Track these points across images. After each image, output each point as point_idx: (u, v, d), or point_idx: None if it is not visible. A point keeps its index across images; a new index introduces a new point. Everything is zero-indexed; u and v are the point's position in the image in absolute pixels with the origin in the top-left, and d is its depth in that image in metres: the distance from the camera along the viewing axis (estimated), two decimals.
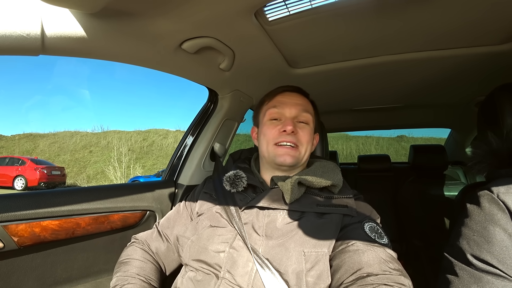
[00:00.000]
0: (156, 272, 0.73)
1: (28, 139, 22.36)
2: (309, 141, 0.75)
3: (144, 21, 0.63)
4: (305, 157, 0.76)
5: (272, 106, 0.78)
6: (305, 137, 0.74)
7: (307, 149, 0.75)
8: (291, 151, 0.72)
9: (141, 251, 0.75)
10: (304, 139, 0.74)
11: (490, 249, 0.49)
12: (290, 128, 0.71)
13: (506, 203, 0.50)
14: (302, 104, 0.78)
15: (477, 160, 0.62)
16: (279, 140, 0.73)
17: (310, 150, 0.77)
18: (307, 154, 0.76)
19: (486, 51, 0.87)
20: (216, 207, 0.72)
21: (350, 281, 0.53)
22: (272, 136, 0.74)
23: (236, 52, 0.86)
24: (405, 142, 16.32)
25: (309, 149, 0.77)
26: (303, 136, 0.74)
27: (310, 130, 0.77)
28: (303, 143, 0.74)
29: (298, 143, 0.73)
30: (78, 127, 33.00)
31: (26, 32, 0.51)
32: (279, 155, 0.72)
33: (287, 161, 0.71)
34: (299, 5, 0.67)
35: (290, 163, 0.72)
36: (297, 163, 0.74)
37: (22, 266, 0.73)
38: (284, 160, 0.71)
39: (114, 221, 0.89)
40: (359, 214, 0.67)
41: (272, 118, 0.77)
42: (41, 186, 10.77)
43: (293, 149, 0.72)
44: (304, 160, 0.76)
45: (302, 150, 0.74)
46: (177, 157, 1.18)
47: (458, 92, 1.30)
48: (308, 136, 0.75)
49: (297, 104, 0.77)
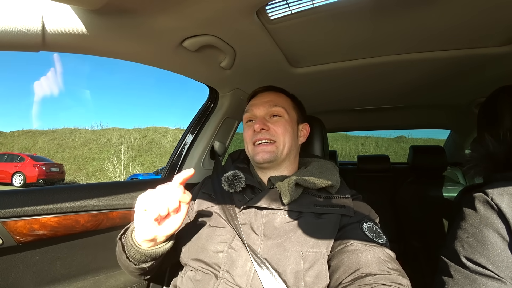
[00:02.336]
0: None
1: (27, 135, 22.32)
2: (284, 133, 0.75)
3: (145, 18, 0.63)
4: (285, 149, 0.75)
5: (246, 111, 0.82)
6: (278, 129, 0.75)
7: (285, 140, 0.75)
8: (267, 147, 0.73)
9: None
10: (278, 131, 0.75)
11: (483, 252, 0.50)
12: (258, 126, 0.74)
13: (500, 206, 0.50)
14: (271, 100, 0.79)
15: (473, 164, 0.63)
16: (254, 140, 0.75)
17: (290, 141, 0.76)
18: (288, 146, 0.75)
19: (486, 53, 0.87)
20: (215, 207, 0.73)
21: (348, 281, 0.53)
22: (249, 137, 0.77)
23: (237, 50, 0.86)
24: (404, 143, 16.36)
25: (289, 141, 0.75)
26: (275, 129, 0.75)
27: (284, 122, 0.76)
28: (278, 135, 0.74)
29: (272, 137, 0.74)
30: (78, 124, 32.96)
31: (27, 28, 0.51)
32: (256, 154, 0.74)
33: (264, 157, 0.73)
34: (301, 4, 0.67)
35: (268, 159, 0.73)
36: (276, 157, 0.74)
37: (20, 262, 0.73)
38: (261, 158, 0.73)
39: (113, 219, 0.89)
40: (358, 214, 0.67)
41: (248, 120, 0.81)
42: (40, 182, 10.75)
43: (268, 145, 0.74)
44: (285, 152, 0.75)
45: (279, 144, 0.74)
46: (177, 155, 1.17)
47: (458, 93, 1.30)
48: (282, 128, 0.75)
49: (265, 102, 0.79)
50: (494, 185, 0.54)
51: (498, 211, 0.50)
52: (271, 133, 0.75)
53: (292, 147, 0.77)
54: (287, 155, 0.76)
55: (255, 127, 0.74)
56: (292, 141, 0.77)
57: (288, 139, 0.75)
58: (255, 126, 0.74)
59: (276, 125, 0.75)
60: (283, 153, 0.75)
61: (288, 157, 0.77)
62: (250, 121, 0.81)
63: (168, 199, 0.54)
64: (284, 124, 0.76)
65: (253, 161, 0.78)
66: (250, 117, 0.81)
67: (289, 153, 0.77)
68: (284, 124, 0.76)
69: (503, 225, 0.49)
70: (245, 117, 0.82)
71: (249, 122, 0.81)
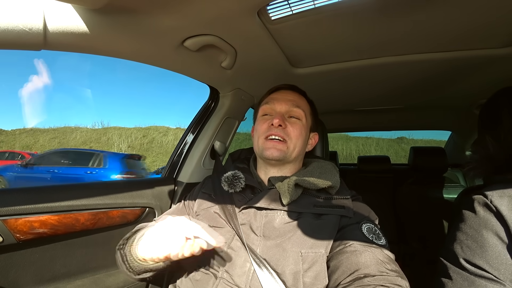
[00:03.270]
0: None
1: (29, 134, 22.36)
2: (298, 136, 0.74)
3: (147, 17, 0.63)
4: (294, 152, 0.74)
5: (265, 103, 0.80)
6: (294, 132, 0.74)
7: (297, 144, 0.74)
8: (278, 145, 0.72)
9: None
10: (293, 133, 0.73)
11: (482, 254, 0.50)
12: (277, 121, 0.72)
13: (499, 208, 0.50)
14: (294, 100, 0.78)
15: (473, 166, 0.62)
16: (268, 134, 0.73)
17: (301, 146, 0.75)
18: (297, 150, 0.75)
19: (488, 54, 0.87)
20: (215, 207, 0.73)
21: (347, 282, 0.53)
22: (262, 130, 0.75)
23: (238, 50, 0.86)
24: (405, 144, 16.30)
25: (300, 145, 0.75)
26: (292, 130, 0.74)
27: (301, 126, 0.76)
28: (292, 137, 0.73)
29: (286, 137, 0.73)
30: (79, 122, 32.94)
31: (28, 26, 0.51)
32: (266, 149, 0.72)
33: (273, 154, 0.71)
34: (302, 4, 0.67)
35: (276, 157, 0.71)
36: (285, 157, 0.73)
37: (20, 260, 0.73)
38: (271, 154, 0.71)
39: (113, 217, 0.89)
40: (357, 215, 0.67)
41: (264, 114, 0.79)
42: None
43: (280, 143, 0.72)
44: (293, 155, 0.74)
45: (290, 145, 0.73)
46: (177, 155, 1.18)
47: (459, 95, 1.29)
48: (298, 131, 0.74)
49: (288, 99, 0.78)
50: (493, 187, 0.54)
51: (497, 213, 0.50)
52: (287, 132, 0.73)
53: (301, 152, 0.77)
54: (295, 158, 0.76)
55: (274, 121, 0.72)
56: (302, 146, 0.77)
57: (300, 143, 0.75)
58: (274, 120, 0.72)
59: (293, 126, 0.74)
60: (292, 155, 0.74)
61: (294, 160, 0.77)
62: (266, 115, 0.79)
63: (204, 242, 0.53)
64: (300, 128, 0.75)
65: (260, 155, 0.75)
66: (269, 110, 0.78)
67: (297, 157, 0.77)
68: (300, 128, 0.75)
69: (502, 227, 0.49)
70: (263, 109, 0.79)
71: (265, 116, 0.79)
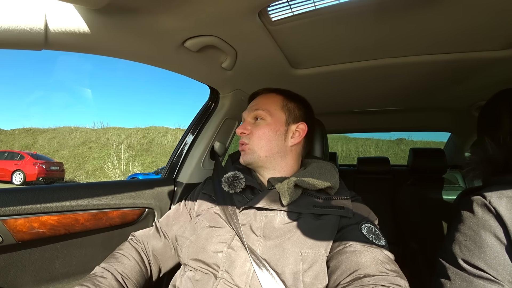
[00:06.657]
0: (138, 274, 0.71)
1: (28, 133, 22.32)
2: (261, 136, 0.75)
3: (147, 18, 0.63)
4: (262, 152, 0.75)
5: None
6: (256, 133, 0.76)
7: (261, 143, 0.75)
8: (245, 150, 0.77)
9: (134, 250, 0.74)
10: (254, 135, 0.76)
11: (481, 255, 0.50)
12: (239, 131, 0.78)
13: (498, 209, 0.51)
14: (257, 104, 0.81)
15: (472, 167, 0.63)
16: (239, 142, 0.80)
17: (270, 144, 0.75)
18: (266, 148, 0.75)
19: (487, 56, 0.87)
20: (215, 208, 0.73)
21: (347, 282, 0.53)
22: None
23: (239, 51, 0.86)
24: (405, 145, 16.34)
25: (267, 143, 0.75)
26: (254, 132, 0.77)
27: (264, 125, 0.76)
28: (253, 139, 0.76)
29: (248, 140, 0.77)
30: (78, 123, 32.96)
31: (30, 26, 0.51)
32: (241, 156, 0.79)
33: (244, 159, 0.77)
34: (303, 6, 0.67)
35: (247, 161, 0.76)
36: (255, 160, 0.75)
37: (20, 260, 0.73)
38: (242, 159, 0.78)
39: (112, 218, 0.89)
40: (357, 215, 0.67)
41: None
42: (40, 181, 10.75)
43: (246, 147, 0.77)
44: (265, 154, 0.75)
45: (253, 146, 0.75)
46: (177, 155, 1.18)
47: (459, 96, 1.30)
48: (260, 131, 0.76)
49: (251, 106, 0.82)
50: (492, 188, 0.54)
51: (496, 214, 0.51)
52: (249, 136, 0.77)
53: (275, 149, 0.75)
54: (268, 157, 0.75)
55: (237, 131, 0.80)
56: (273, 143, 0.75)
57: (265, 142, 0.75)
58: (237, 131, 0.79)
59: (256, 129, 0.77)
60: (260, 155, 0.75)
61: (273, 159, 0.76)
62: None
63: None
64: (263, 128, 0.76)
65: None
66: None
67: (273, 156, 0.76)
68: (263, 128, 0.76)
69: (500, 228, 0.50)
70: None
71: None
